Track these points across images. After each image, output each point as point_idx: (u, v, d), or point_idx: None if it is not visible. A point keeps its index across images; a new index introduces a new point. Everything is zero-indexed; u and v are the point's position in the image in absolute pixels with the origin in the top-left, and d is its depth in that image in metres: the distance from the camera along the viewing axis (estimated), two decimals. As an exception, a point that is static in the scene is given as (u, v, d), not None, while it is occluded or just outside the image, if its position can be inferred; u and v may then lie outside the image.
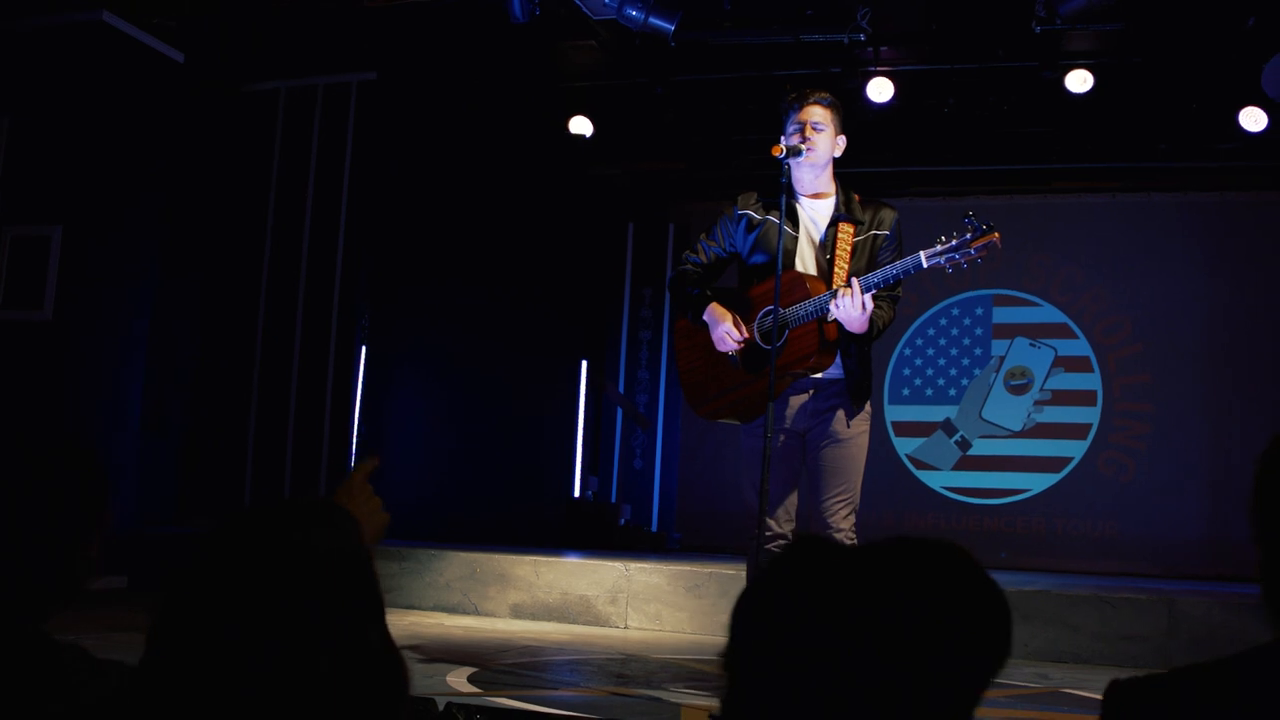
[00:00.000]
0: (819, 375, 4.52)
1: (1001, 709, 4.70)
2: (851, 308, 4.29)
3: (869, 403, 4.67)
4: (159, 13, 7.80)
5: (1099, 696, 4.54)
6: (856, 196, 4.69)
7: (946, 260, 4.38)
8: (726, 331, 4.53)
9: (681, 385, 4.86)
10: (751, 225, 4.64)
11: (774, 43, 8.15)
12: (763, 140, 4.65)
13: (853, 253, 4.56)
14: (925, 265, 4.38)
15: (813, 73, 8.32)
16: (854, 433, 4.57)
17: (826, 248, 4.57)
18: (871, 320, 4.39)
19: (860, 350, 4.59)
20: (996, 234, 4.37)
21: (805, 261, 4.58)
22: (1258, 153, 9.00)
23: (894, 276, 4.40)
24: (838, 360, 4.51)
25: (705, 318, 4.60)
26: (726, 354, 4.58)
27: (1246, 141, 8.70)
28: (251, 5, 7.87)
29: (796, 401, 4.58)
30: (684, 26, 7.21)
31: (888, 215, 4.67)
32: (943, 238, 4.41)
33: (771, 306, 4.41)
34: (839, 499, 4.52)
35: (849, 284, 4.31)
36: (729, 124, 9.22)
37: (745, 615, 1.25)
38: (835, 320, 4.39)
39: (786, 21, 7.78)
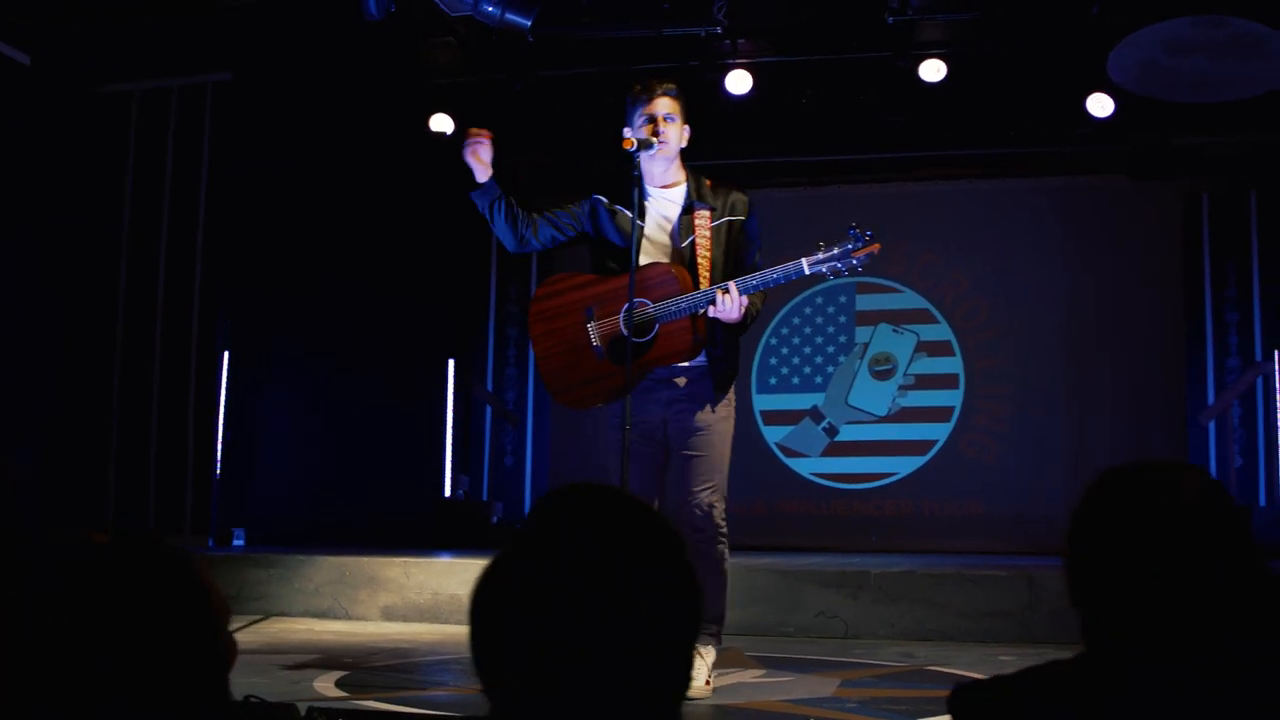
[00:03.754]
0: (683, 364, 4.57)
1: (868, 689, 4.78)
2: (731, 309, 4.36)
3: (733, 390, 4.71)
4: (2, 12, 7.59)
5: (964, 673, 4.66)
6: (708, 182, 4.74)
7: (828, 268, 4.46)
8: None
9: (540, 371, 4.84)
10: (607, 212, 4.66)
11: (633, 37, 8.18)
12: (626, 133, 4.66)
13: (712, 240, 4.60)
14: (807, 272, 4.47)
15: (672, 66, 8.36)
16: (717, 419, 4.62)
17: (682, 235, 4.60)
18: (745, 311, 4.45)
19: (728, 338, 4.64)
20: (878, 245, 4.48)
21: (652, 251, 4.61)
22: (1105, 137, 9.23)
23: (773, 282, 4.49)
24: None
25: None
26: (590, 344, 4.58)
27: (1094, 127, 8.92)
28: (100, 5, 7.69)
29: (658, 392, 4.61)
30: (541, 22, 7.17)
31: (740, 200, 4.71)
32: (822, 244, 4.50)
33: (638, 300, 4.44)
34: (705, 488, 4.56)
35: (727, 288, 4.36)
36: (591, 118, 9.23)
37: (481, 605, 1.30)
38: (706, 314, 4.44)
39: (644, 15, 7.82)
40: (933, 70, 8.41)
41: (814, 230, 9.59)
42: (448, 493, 10.52)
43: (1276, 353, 9.42)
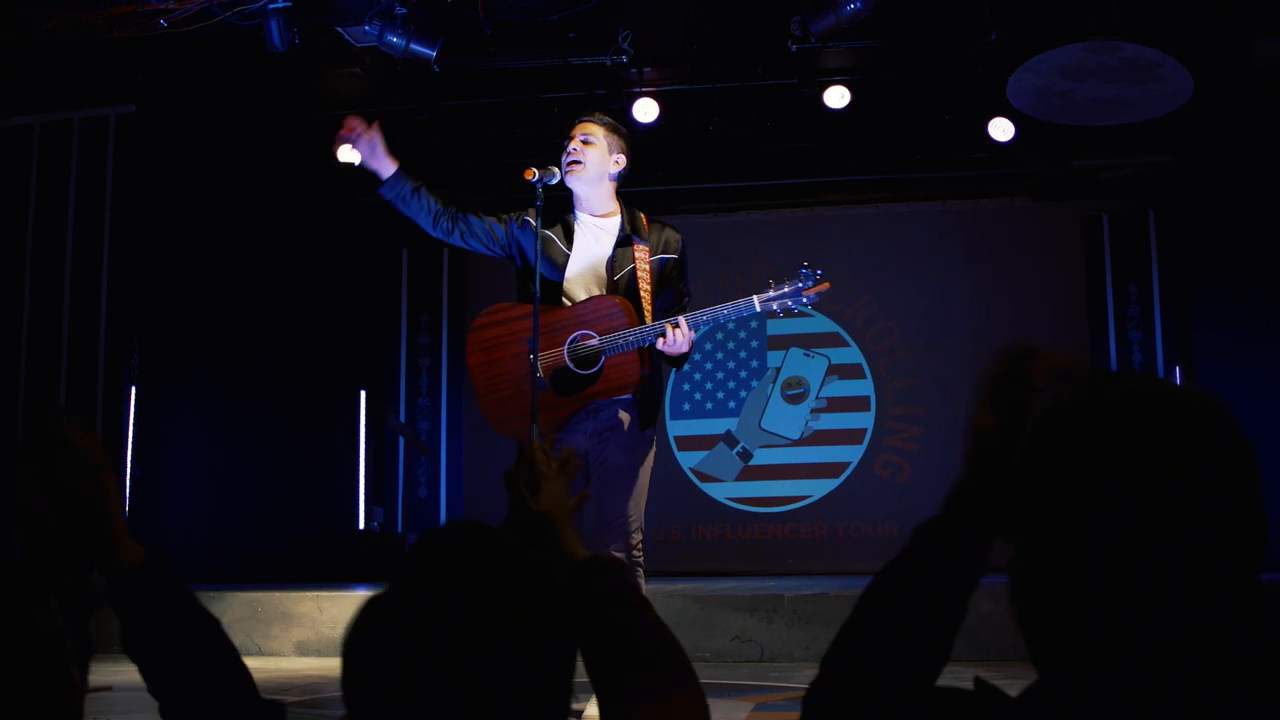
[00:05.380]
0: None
1: (782, 712, 4.80)
2: (682, 344, 4.38)
3: (652, 428, 4.71)
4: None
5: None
6: (643, 216, 4.74)
7: (779, 305, 4.49)
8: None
9: (479, 402, 4.75)
10: (538, 237, 4.64)
11: (539, 66, 8.21)
12: (533, 162, 4.67)
13: (651, 274, 4.62)
14: (758, 309, 4.49)
15: (579, 95, 8.40)
16: (638, 455, 4.61)
17: (617, 267, 4.60)
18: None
19: (655, 373, 4.66)
20: (828, 284, 4.52)
21: (581, 280, 4.61)
22: (1007, 161, 9.39)
23: (724, 318, 4.53)
24: None
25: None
26: (534, 376, 4.54)
27: (996, 151, 9.06)
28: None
29: (583, 422, 4.61)
30: (446, 52, 7.21)
31: (674, 238, 4.73)
32: (772, 281, 4.52)
33: (584, 331, 4.45)
34: (621, 520, 4.55)
35: (677, 323, 4.37)
36: (499, 147, 9.24)
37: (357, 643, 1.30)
38: (650, 348, 4.46)
39: (549, 45, 7.85)
40: (837, 97, 8.51)
41: (726, 256, 9.70)
42: (362, 525, 10.45)
43: (1179, 369, 9.60)
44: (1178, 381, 9.29)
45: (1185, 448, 1.19)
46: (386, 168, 4.73)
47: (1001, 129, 8.76)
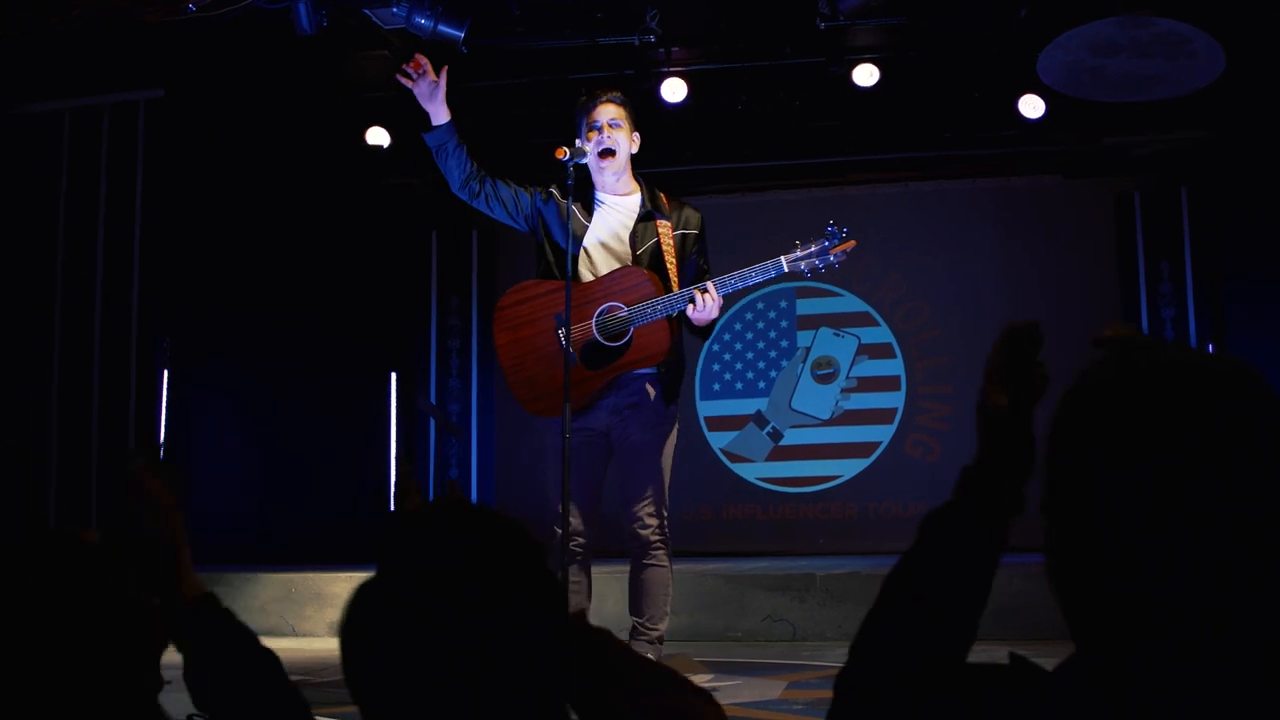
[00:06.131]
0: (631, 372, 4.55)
1: (815, 690, 4.80)
2: (712, 309, 4.37)
3: (674, 404, 4.70)
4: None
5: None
6: (663, 195, 4.74)
7: (806, 266, 4.48)
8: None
9: (507, 381, 4.73)
10: (561, 210, 4.64)
11: (566, 47, 8.20)
12: (560, 142, 4.67)
13: (675, 248, 4.63)
14: (786, 270, 4.49)
15: (607, 75, 8.38)
16: (659, 432, 4.60)
17: (640, 241, 4.60)
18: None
19: (681, 346, 4.66)
20: (854, 241, 4.51)
21: (599, 253, 4.61)
22: (1038, 138, 9.34)
23: (751, 281, 4.51)
24: None
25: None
26: (562, 351, 4.53)
27: (1027, 128, 9.01)
28: (23, 24, 7.60)
29: (604, 399, 4.60)
30: (474, 33, 7.20)
31: (694, 216, 4.73)
32: (799, 242, 4.51)
33: (612, 303, 4.45)
34: (646, 498, 4.55)
35: (706, 288, 4.37)
36: (526, 128, 9.23)
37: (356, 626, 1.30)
38: (677, 316, 4.46)
39: (577, 25, 7.84)
40: (866, 75, 8.47)
41: (754, 236, 9.66)
42: (394, 506, 10.47)
43: (1211, 346, 9.54)
44: (1211, 358, 9.23)
45: (1219, 420, 1.16)
46: (440, 114, 4.74)
47: (1032, 106, 8.70)
